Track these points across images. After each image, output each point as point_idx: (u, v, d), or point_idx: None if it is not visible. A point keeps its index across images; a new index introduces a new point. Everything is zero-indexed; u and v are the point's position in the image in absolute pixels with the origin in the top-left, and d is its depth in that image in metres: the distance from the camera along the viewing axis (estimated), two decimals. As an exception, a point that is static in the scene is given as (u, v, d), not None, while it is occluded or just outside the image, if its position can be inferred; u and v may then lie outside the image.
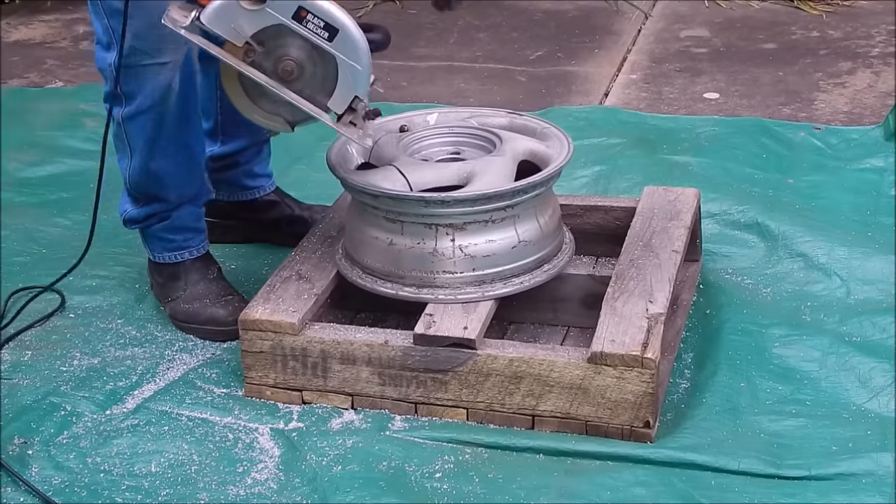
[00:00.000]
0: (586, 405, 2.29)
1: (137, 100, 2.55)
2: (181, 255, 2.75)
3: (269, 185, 3.02)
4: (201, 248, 2.78)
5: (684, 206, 2.72)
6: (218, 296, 2.71)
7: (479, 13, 4.83)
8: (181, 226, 2.74)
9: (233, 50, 2.32)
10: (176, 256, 2.75)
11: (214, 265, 2.80)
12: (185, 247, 2.75)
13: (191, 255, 2.76)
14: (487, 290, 2.43)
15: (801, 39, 4.42)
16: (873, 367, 2.45)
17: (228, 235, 3.03)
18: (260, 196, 3.01)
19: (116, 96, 2.56)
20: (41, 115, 3.91)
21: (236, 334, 2.49)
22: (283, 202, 3.03)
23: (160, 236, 2.74)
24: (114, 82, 2.52)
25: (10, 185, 3.43)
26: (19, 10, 5.05)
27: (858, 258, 2.82)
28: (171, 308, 2.75)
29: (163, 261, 2.76)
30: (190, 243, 2.76)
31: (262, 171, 3.01)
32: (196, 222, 2.77)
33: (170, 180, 2.67)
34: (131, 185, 2.69)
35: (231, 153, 2.93)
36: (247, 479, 2.25)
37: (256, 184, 3.00)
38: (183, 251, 2.75)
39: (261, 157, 2.99)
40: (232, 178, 2.97)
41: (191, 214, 2.75)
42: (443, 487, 2.20)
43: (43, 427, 2.39)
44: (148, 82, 2.53)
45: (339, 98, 2.36)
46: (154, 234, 2.74)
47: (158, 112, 2.57)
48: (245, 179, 2.99)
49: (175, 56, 2.52)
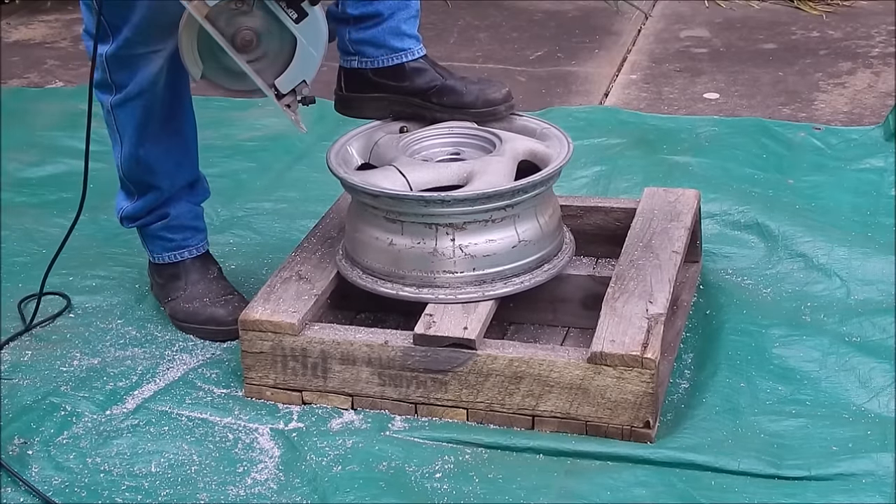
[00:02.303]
0: (586, 405, 2.29)
1: (128, 87, 2.55)
2: (180, 254, 2.75)
3: (418, 49, 2.71)
4: (201, 247, 2.78)
5: (684, 208, 2.72)
6: (218, 295, 2.71)
7: (479, 13, 4.83)
8: (180, 225, 2.73)
9: (199, 8, 2.30)
10: (175, 256, 2.75)
11: (214, 265, 2.80)
12: (184, 246, 2.75)
13: (190, 254, 2.75)
14: (487, 289, 2.43)
15: (801, 40, 4.42)
16: (873, 367, 2.45)
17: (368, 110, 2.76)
18: (408, 61, 2.71)
19: (107, 84, 2.56)
20: (41, 115, 3.91)
21: (236, 334, 2.48)
22: (433, 69, 2.72)
23: (159, 235, 2.74)
24: (104, 72, 2.52)
25: (10, 185, 3.43)
26: (19, 10, 5.05)
27: (858, 258, 2.82)
28: (170, 308, 2.74)
29: (162, 261, 2.76)
30: (189, 242, 2.75)
31: (410, 31, 2.70)
32: (195, 221, 2.77)
33: (160, 167, 2.66)
34: (123, 173, 2.69)
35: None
36: (247, 479, 2.25)
37: (405, 45, 2.70)
38: (182, 250, 2.75)
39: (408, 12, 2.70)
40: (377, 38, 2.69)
41: (189, 212, 2.75)
42: (443, 488, 2.20)
43: (43, 427, 2.39)
44: (139, 70, 2.52)
45: (287, 78, 2.38)
46: (153, 233, 2.74)
47: (147, 98, 2.56)
48: (392, 40, 2.69)
49: (168, 44, 2.49)
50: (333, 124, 3.66)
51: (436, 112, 2.67)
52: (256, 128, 3.77)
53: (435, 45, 4.48)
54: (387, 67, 2.67)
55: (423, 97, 2.68)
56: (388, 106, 2.71)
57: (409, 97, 2.69)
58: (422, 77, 2.68)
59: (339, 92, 2.75)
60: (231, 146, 3.59)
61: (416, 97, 2.68)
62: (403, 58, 2.67)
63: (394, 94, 2.70)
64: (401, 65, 2.67)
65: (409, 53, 2.67)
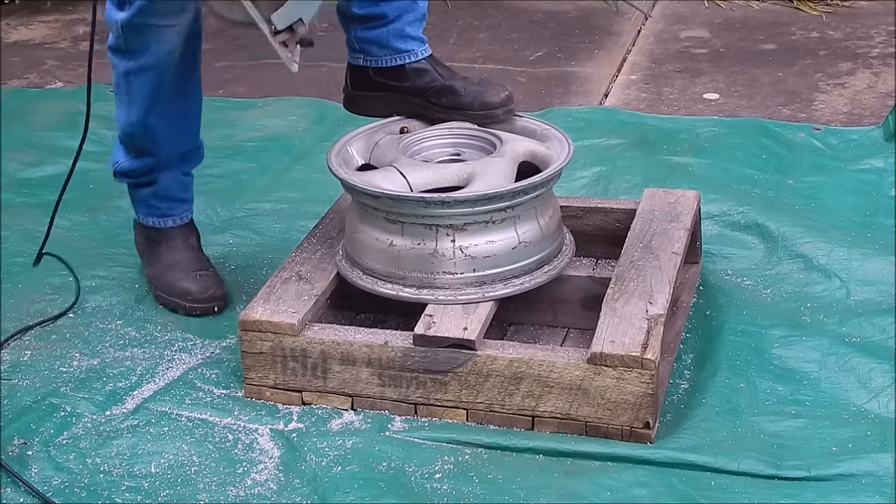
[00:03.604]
0: (586, 406, 2.29)
1: (142, 57, 2.61)
2: (164, 221, 2.85)
3: (421, 50, 2.73)
4: (185, 216, 2.87)
5: (684, 209, 2.72)
6: (193, 269, 2.80)
7: (478, 13, 4.83)
8: (167, 195, 2.83)
9: None
10: (159, 222, 2.85)
11: (194, 234, 2.88)
12: (168, 214, 2.85)
13: (174, 223, 2.85)
14: (487, 290, 2.43)
15: (800, 40, 4.42)
16: (873, 367, 2.45)
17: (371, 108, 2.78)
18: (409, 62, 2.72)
19: (122, 50, 2.62)
20: (41, 115, 3.91)
21: (204, 311, 2.72)
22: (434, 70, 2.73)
23: (146, 201, 2.84)
24: (119, 37, 2.58)
25: (10, 186, 3.43)
26: (19, 11, 5.05)
27: (858, 259, 2.82)
28: (150, 273, 2.85)
29: (147, 224, 2.86)
30: (174, 211, 2.85)
31: (414, 34, 2.72)
32: (182, 192, 2.86)
33: (163, 137, 2.74)
34: (124, 135, 2.76)
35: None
36: (246, 479, 2.25)
37: (408, 47, 2.72)
38: (166, 218, 2.85)
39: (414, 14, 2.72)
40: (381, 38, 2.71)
41: (178, 184, 2.84)
42: (443, 488, 2.20)
43: (43, 428, 2.39)
44: (153, 42, 2.57)
45: (284, 14, 2.38)
46: (141, 197, 2.85)
47: (160, 70, 2.62)
48: (395, 41, 2.71)
49: (181, 20, 2.55)
50: (333, 124, 3.67)
51: (435, 112, 2.67)
52: (256, 128, 3.77)
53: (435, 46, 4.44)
54: (388, 68, 2.69)
55: (424, 97, 2.69)
56: (391, 105, 2.73)
57: (410, 97, 2.70)
58: (422, 77, 2.69)
59: (346, 89, 2.78)
60: (231, 146, 3.59)
61: (417, 97, 2.70)
62: (406, 59, 2.69)
63: (395, 94, 2.72)
64: (402, 66, 2.69)
65: (412, 55, 2.69)
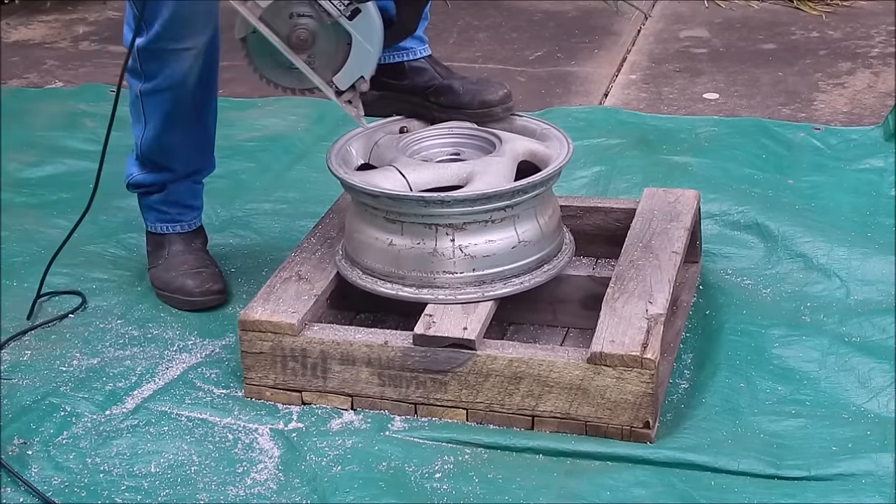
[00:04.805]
0: (586, 405, 2.29)
1: (157, 79, 2.63)
2: (171, 227, 2.85)
3: (420, 49, 2.75)
4: (193, 223, 2.87)
5: (684, 208, 2.72)
6: (193, 266, 2.79)
7: (478, 13, 4.83)
8: (177, 201, 2.83)
9: (252, 9, 2.35)
10: (166, 228, 2.85)
11: (200, 238, 2.88)
12: (176, 220, 2.85)
13: (182, 228, 2.86)
14: (487, 290, 2.43)
15: (800, 40, 4.43)
16: (873, 367, 2.45)
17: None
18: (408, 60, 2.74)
19: (137, 72, 2.63)
20: (41, 115, 3.91)
21: (202, 305, 2.73)
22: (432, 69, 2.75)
23: (155, 207, 2.84)
24: (135, 61, 2.60)
25: (10, 186, 3.43)
26: (19, 11, 5.05)
27: (858, 259, 2.82)
28: (151, 274, 2.85)
29: (154, 230, 2.86)
30: (182, 218, 2.85)
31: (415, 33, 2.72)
32: (192, 199, 2.86)
33: (180, 153, 2.77)
34: (143, 152, 2.77)
35: None
36: (246, 479, 2.25)
37: (407, 45, 2.73)
38: (175, 224, 2.85)
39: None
40: None
41: (189, 191, 2.84)
42: (442, 488, 2.20)
43: (42, 427, 2.39)
44: (169, 65, 2.59)
45: (345, 75, 2.42)
46: (150, 204, 2.84)
47: (177, 93, 2.64)
48: None
49: (198, 42, 2.57)
50: (333, 124, 3.67)
51: (434, 111, 2.68)
52: (256, 128, 3.77)
53: (435, 46, 4.44)
54: (387, 65, 2.69)
55: (423, 96, 2.70)
56: (390, 104, 2.74)
57: (409, 96, 2.71)
58: (421, 76, 2.71)
59: None
60: (231, 146, 3.59)
61: (416, 96, 2.71)
62: (404, 56, 2.70)
63: (394, 93, 2.73)
64: (400, 63, 2.70)
65: (410, 53, 2.71)
